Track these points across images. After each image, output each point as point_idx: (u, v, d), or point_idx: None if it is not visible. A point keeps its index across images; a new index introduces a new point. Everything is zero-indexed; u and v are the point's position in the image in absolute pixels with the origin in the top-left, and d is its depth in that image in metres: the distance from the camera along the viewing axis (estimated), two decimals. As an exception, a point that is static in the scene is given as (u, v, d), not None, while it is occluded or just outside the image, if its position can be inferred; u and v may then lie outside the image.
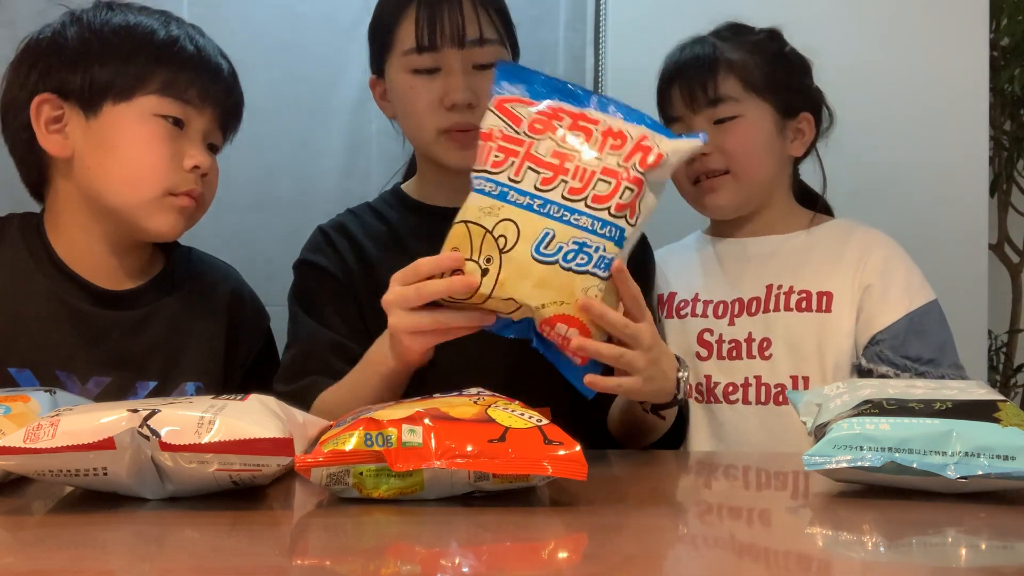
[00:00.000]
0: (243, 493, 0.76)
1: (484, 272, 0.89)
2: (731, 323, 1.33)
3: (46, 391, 0.91)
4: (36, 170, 1.15)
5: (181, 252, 1.22)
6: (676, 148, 0.95)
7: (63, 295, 1.12)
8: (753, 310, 1.32)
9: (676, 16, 1.87)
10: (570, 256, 0.89)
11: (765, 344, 1.30)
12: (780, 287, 1.32)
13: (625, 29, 1.88)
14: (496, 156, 0.92)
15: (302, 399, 1.02)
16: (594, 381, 0.92)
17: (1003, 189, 2.23)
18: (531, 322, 0.92)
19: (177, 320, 1.17)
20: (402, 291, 0.92)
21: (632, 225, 0.92)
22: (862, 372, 1.26)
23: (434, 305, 0.91)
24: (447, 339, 0.93)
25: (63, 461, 0.71)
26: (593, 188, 0.91)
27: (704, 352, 1.33)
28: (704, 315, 1.35)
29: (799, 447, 0.86)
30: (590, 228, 0.90)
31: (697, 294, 1.36)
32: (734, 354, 1.31)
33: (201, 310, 1.19)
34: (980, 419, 0.79)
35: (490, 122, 0.94)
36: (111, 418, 0.71)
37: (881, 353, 1.26)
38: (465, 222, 0.90)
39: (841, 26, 1.84)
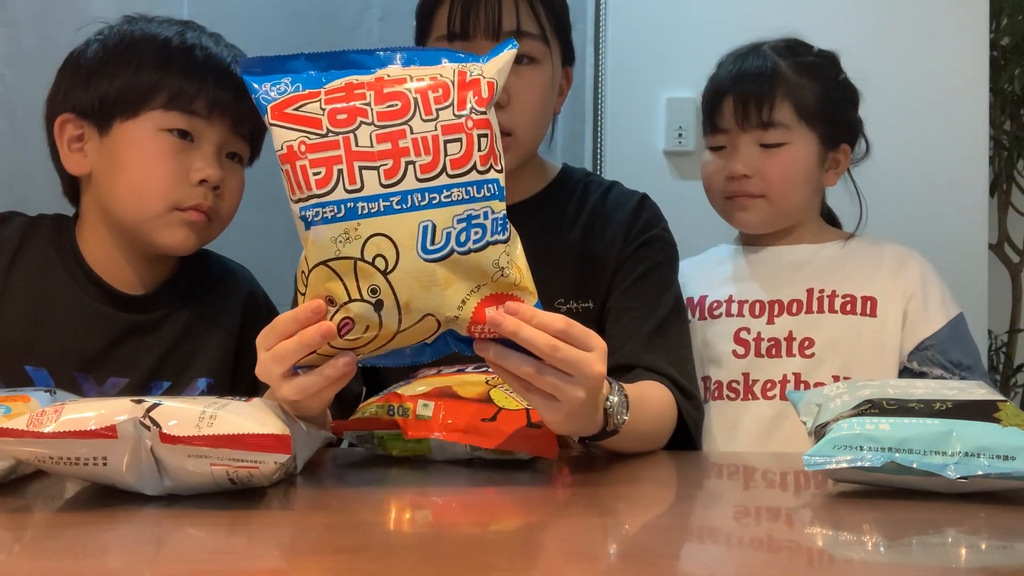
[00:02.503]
0: (243, 493, 0.76)
1: (377, 305, 0.76)
2: (770, 321, 1.33)
3: (46, 391, 0.91)
4: (69, 182, 1.17)
5: (199, 255, 1.22)
6: (499, 67, 0.84)
7: (85, 298, 1.13)
8: (794, 311, 1.33)
9: (676, 16, 1.88)
10: (462, 237, 0.77)
11: (807, 343, 1.30)
12: (822, 291, 1.33)
13: (625, 29, 1.88)
14: (315, 173, 0.76)
15: None
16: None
17: (1003, 189, 2.24)
18: (449, 335, 0.80)
19: (193, 321, 1.18)
20: (262, 361, 0.80)
21: (501, 171, 0.80)
22: (913, 375, 1.29)
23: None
24: (343, 384, 0.81)
25: (65, 448, 0.72)
26: (445, 155, 0.77)
27: (741, 350, 1.33)
28: (740, 314, 1.34)
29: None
30: (467, 197, 0.77)
31: (731, 295, 1.36)
32: (773, 352, 1.31)
33: (216, 312, 1.20)
34: (980, 419, 0.79)
35: (282, 139, 0.78)
36: (114, 408, 0.72)
37: (933, 357, 1.29)
38: (323, 263, 0.76)
39: (841, 26, 1.85)
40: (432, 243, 0.76)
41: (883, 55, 1.85)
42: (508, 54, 0.85)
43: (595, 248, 1.19)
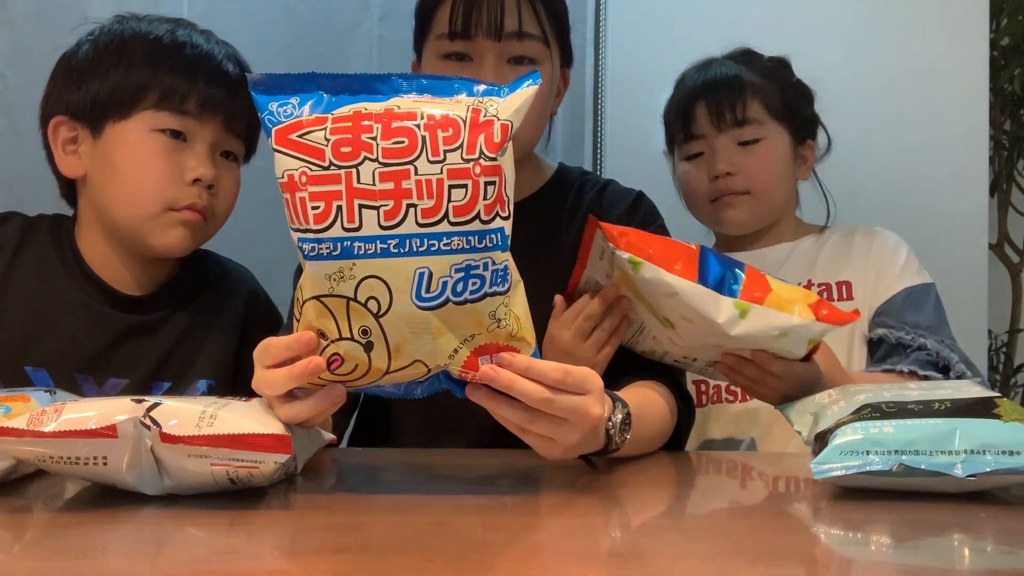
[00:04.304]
0: (243, 494, 0.76)
1: (368, 347, 0.75)
2: None
3: (46, 391, 0.91)
4: (65, 184, 1.17)
5: (199, 255, 1.23)
6: (516, 107, 0.79)
7: (85, 298, 1.13)
8: None
9: (676, 16, 1.88)
10: (459, 287, 0.75)
11: None
12: (799, 283, 1.35)
13: (625, 29, 1.88)
14: (314, 207, 0.74)
15: None
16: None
17: (1003, 189, 2.24)
18: (442, 374, 0.78)
19: (194, 322, 1.18)
20: (257, 379, 0.78)
21: (507, 217, 0.77)
22: (871, 344, 1.32)
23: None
24: (334, 410, 0.80)
25: (65, 447, 0.72)
26: (449, 200, 0.74)
27: None
28: None
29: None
30: (467, 247, 0.74)
31: None
32: None
33: (217, 312, 1.20)
34: (981, 416, 0.79)
35: (284, 166, 0.75)
36: (115, 407, 0.72)
37: (881, 321, 1.32)
38: (317, 298, 0.74)
39: (841, 26, 1.85)
40: (427, 291, 0.74)
41: (883, 55, 1.85)
42: (528, 91, 0.82)
43: None
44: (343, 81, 0.80)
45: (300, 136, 0.75)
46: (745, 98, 1.37)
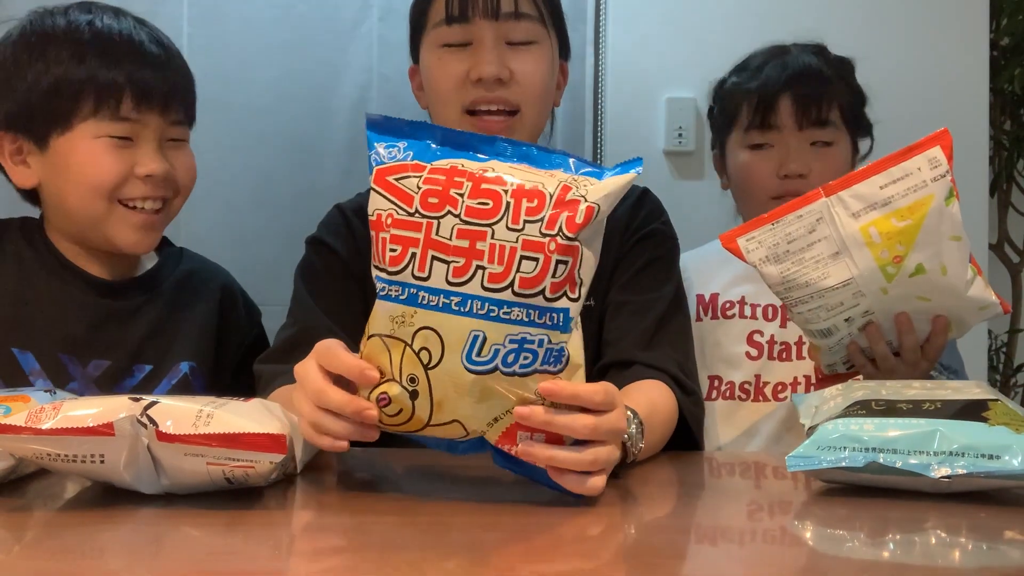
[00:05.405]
0: (241, 494, 0.76)
1: (413, 395, 0.75)
2: (783, 325, 1.33)
3: (45, 391, 0.92)
4: (27, 190, 1.18)
5: (174, 250, 1.27)
6: (607, 192, 0.77)
7: (65, 286, 1.16)
8: None
9: (676, 16, 1.88)
10: (510, 358, 0.74)
11: None
12: None
13: (625, 29, 1.88)
14: (392, 249, 0.75)
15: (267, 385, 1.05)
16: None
17: (1003, 189, 2.23)
18: (483, 440, 0.78)
19: (171, 308, 1.21)
20: (309, 380, 0.78)
21: (575, 300, 0.76)
22: None
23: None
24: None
25: (62, 445, 0.72)
26: (517, 270, 0.74)
27: (754, 352, 1.34)
28: (753, 317, 1.35)
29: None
30: (526, 320, 0.74)
31: (744, 297, 1.36)
32: (784, 355, 1.32)
33: (194, 300, 1.23)
34: (968, 419, 0.79)
35: (376, 204, 0.77)
36: (113, 405, 0.73)
37: None
38: (379, 336, 0.76)
39: (841, 26, 1.84)
40: (478, 354, 0.74)
41: (883, 55, 1.85)
42: (628, 177, 0.79)
43: None
44: (451, 135, 0.82)
45: (397, 179, 0.77)
46: (831, 98, 1.32)
